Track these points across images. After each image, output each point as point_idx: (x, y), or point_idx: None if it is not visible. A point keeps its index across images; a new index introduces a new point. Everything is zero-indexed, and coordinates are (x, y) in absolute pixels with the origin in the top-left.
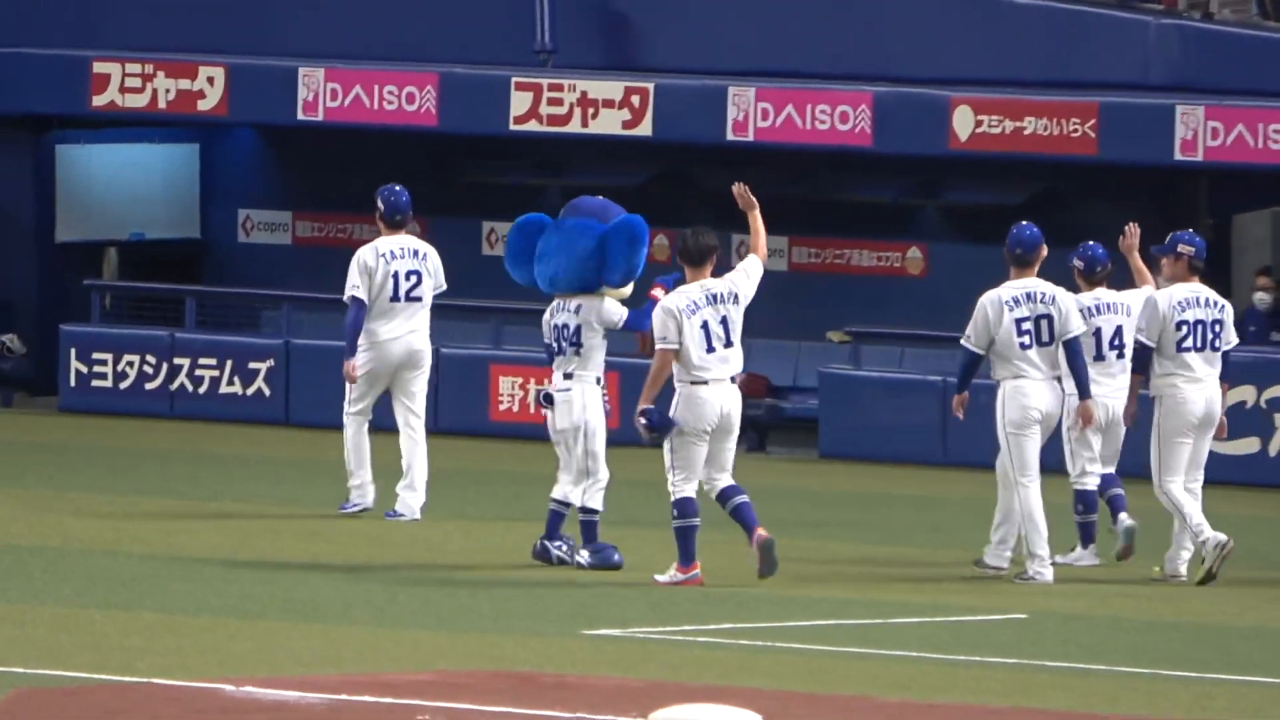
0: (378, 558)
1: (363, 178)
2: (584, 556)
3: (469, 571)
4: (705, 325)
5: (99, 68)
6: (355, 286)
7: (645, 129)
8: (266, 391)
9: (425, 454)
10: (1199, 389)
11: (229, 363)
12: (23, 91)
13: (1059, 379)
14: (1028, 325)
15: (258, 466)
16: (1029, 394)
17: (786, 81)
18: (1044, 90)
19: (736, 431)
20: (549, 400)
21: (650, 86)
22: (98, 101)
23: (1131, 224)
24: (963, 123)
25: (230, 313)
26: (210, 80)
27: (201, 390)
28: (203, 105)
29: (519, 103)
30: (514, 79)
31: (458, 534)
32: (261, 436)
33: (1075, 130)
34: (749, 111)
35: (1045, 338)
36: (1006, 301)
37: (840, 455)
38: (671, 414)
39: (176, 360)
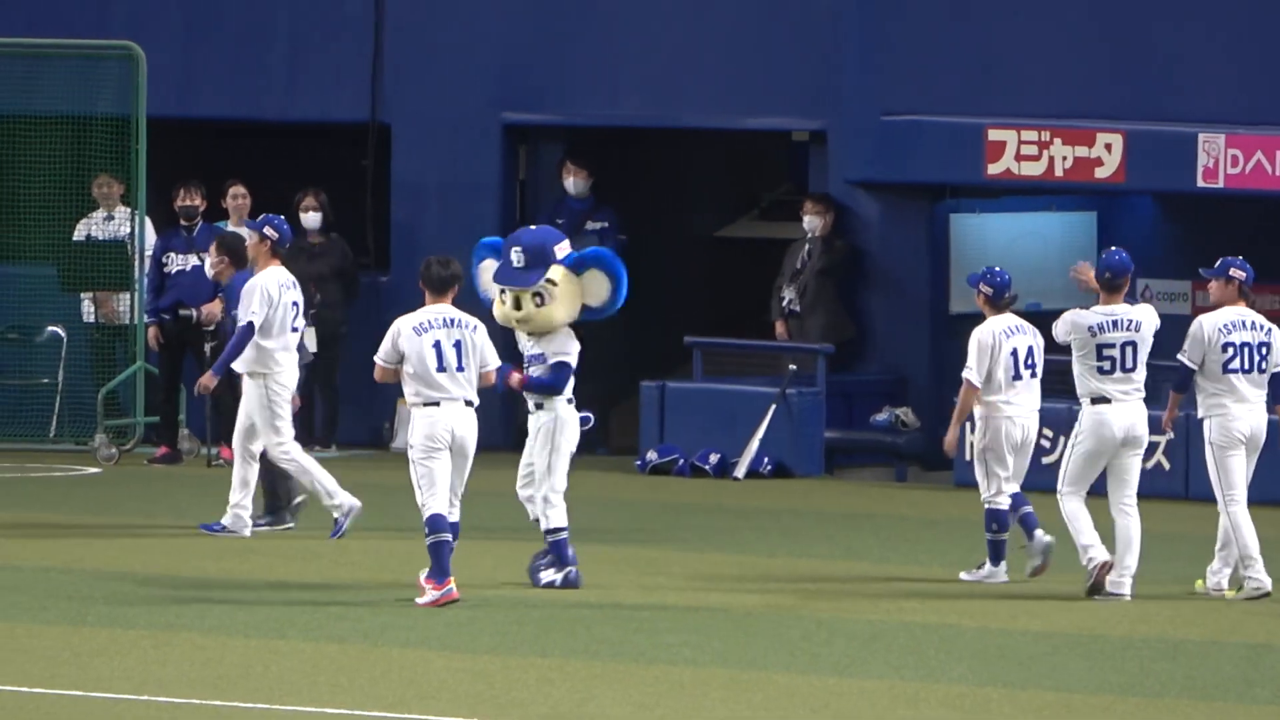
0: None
1: (1265, 247)
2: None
3: None
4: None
5: (994, 135)
6: (251, 313)
7: None
8: (1165, 465)
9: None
10: (1246, 409)
11: None
12: (919, 160)
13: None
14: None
15: (1153, 544)
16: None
17: None
18: None
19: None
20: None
21: None
22: (992, 169)
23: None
24: None
25: None
26: (1108, 147)
27: None
28: (1100, 173)
29: None
30: None
31: None
32: (1160, 511)
33: None
34: None
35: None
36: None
37: None
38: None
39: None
